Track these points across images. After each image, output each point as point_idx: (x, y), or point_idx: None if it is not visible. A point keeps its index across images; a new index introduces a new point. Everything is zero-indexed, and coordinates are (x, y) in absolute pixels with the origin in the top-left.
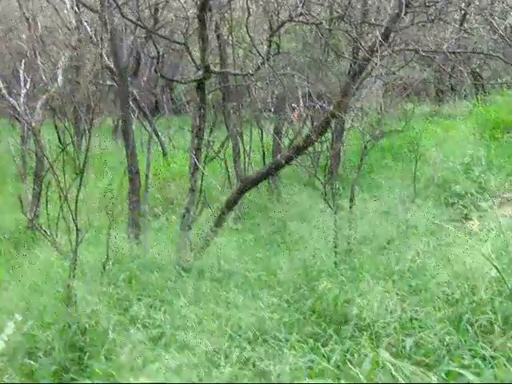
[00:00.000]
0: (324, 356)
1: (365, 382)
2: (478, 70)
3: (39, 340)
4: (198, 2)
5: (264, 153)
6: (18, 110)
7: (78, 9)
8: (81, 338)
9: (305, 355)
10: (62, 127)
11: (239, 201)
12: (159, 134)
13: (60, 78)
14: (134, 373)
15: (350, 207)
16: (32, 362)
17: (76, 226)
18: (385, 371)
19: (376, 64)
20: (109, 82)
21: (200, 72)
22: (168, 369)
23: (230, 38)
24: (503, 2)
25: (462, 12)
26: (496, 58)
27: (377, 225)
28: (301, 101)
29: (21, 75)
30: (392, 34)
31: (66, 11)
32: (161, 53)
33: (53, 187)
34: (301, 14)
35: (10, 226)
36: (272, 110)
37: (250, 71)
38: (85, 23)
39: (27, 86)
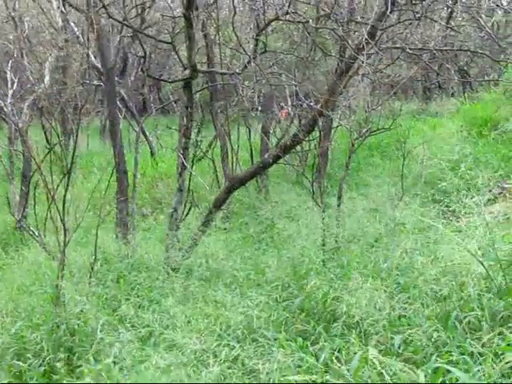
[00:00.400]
0: (313, 354)
1: (352, 379)
2: (465, 67)
3: (28, 341)
4: (185, 1)
5: (252, 152)
6: (5, 110)
7: (65, 9)
8: (69, 338)
9: (294, 354)
10: (49, 127)
11: (227, 200)
12: (147, 133)
13: (47, 79)
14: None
15: (338, 205)
16: (21, 363)
17: (64, 226)
18: (373, 369)
19: (363, 62)
20: (96, 82)
21: (187, 71)
22: (157, 368)
23: (217, 37)
24: (489, 0)
25: (449, 10)
26: (483, 55)
27: (365, 223)
28: (288, 100)
29: (8, 76)
30: (379, 32)
31: (52, 11)
32: (148, 52)
33: (40, 188)
34: (287, 12)
35: None
36: (259, 109)
37: (237, 70)
38: (71, 23)
39: (14, 87)
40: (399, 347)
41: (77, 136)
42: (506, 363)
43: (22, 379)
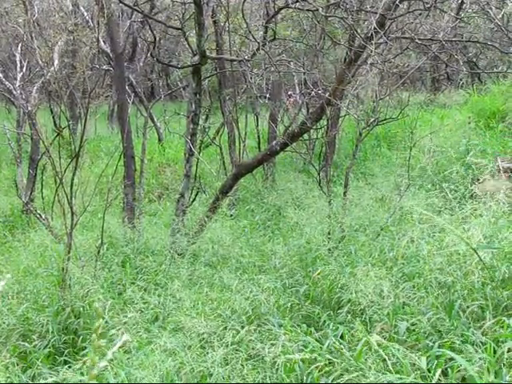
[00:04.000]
0: (317, 340)
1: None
2: (474, 59)
3: (33, 322)
4: None
5: (259, 139)
6: (14, 93)
7: None
8: (74, 320)
9: (298, 339)
10: (57, 111)
11: (234, 187)
12: (155, 119)
13: (56, 62)
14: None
15: (345, 194)
16: (26, 344)
17: (71, 209)
18: (376, 354)
19: (372, 52)
20: (105, 67)
21: (196, 57)
22: (163, 350)
23: (227, 24)
24: None
25: (459, 0)
26: (492, 47)
27: (371, 212)
28: (297, 88)
29: (17, 59)
30: (388, 22)
31: None
32: (157, 38)
33: (47, 171)
34: (297, 0)
35: (4, 210)
36: (268, 96)
37: (246, 57)
38: (81, 7)
39: (23, 70)
40: (403, 334)
41: (86, 120)
42: (508, 351)
43: (26, 360)
